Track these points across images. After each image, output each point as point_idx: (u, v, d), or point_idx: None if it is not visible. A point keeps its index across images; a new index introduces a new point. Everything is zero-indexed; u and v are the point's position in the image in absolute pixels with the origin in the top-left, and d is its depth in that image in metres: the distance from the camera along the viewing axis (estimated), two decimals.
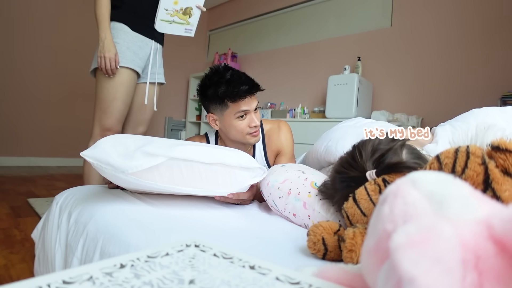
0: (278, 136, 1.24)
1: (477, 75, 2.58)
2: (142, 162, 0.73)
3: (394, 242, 0.22)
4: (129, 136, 0.87)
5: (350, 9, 3.47)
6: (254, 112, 1.11)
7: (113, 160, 0.73)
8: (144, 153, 0.75)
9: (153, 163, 0.74)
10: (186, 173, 0.79)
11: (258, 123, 1.11)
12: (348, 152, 0.70)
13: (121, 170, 0.73)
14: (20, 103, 3.61)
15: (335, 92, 2.95)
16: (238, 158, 0.85)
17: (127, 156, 0.75)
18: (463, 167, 0.44)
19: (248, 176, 0.87)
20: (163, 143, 0.82)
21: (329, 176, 0.75)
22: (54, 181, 2.94)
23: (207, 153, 0.81)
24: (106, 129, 1.51)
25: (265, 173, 0.91)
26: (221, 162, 0.81)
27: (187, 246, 0.38)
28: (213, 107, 1.12)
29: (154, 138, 0.87)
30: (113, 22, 1.48)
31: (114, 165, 0.73)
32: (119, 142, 0.81)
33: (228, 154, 0.84)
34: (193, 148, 0.81)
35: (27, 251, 1.28)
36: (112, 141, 0.80)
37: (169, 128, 4.77)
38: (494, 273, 0.22)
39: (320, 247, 0.58)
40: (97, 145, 0.78)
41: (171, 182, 0.79)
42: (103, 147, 0.77)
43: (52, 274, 0.29)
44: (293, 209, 0.83)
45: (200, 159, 0.79)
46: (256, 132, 1.13)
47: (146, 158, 0.74)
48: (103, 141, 0.79)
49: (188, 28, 1.58)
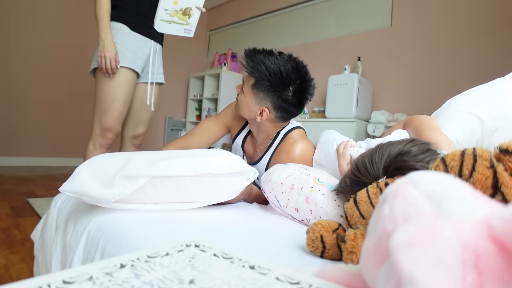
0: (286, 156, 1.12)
1: (477, 75, 2.58)
2: (123, 188, 0.70)
3: (394, 242, 0.22)
4: (107, 157, 0.81)
5: (350, 9, 3.47)
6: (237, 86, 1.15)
7: (93, 191, 0.69)
8: (124, 177, 0.71)
9: (135, 187, 0.71)
10: (173, 189, 0.76)
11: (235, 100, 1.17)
12: (367, 154, 0.68)
13: (104, 200, 0.70)
14: (20, 103, 3.61)
15: (335, 92, 2.95)
16: (225, 165, 0.79)
17: (107, 184, 0.71)
18: (470, 170, 0.43)
19: (239, 180, 0.83)
20: (142, 160, 0.77)
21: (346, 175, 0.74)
22: (54, 181, 2.94)
23: (189, 165, 0.76)
24: (105, 129, 1.51)
25: (256, 174, 0.87)
26: (207, 173, 0.77)
27: (187, 246, 0.38)
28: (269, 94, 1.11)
29: (133, 155, 0.80)
30: (113, 22, 1.47)
31: (95, 196, 0.69)
32: (97, 168, 0.75)
33: (212, 161, 0.79)
34: (174, 162, 0.76)
35: (27, 251, 1.28)
36: (89, 168, 0.75)
37: (169, 128, 4.77)
38: (494, 273, 0.22)
39: (318, 244, 0.59)
40: (74, 177, 0.72)
41: (159, 200, 0.77)
42: (80, 178, 0.72)
43: (52, 274, 0.29)
44: (295, 204, 0.83)
45: (183, 173, 0.75)
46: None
47: (127, 183, 0.71)
48: (80, 171, 0.74)
49: (187, 29, 1.58)
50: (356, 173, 0.67)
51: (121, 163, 0.76)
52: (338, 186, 0.76)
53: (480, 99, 1.00)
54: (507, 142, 0.44)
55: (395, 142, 0.67)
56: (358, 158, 0.70)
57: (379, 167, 0.63)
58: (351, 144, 0.96)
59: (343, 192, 0.73)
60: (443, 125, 0.97)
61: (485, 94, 1.01)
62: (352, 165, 0.70)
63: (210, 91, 4.55)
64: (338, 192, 0.76)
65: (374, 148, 0.68)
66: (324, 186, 0.82)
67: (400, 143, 0.65)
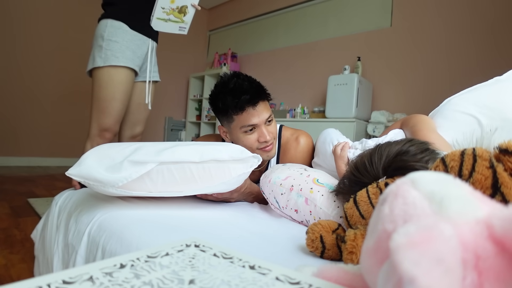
0: (295, 151, 1.11)
1: (477, 75, 2.58)
2: (131, 172, 0.70)
3: (394, 242, 0.22)
4: (114, 145, 0.82)
5: (350, 9, 3.47)
6: (266, 125, 1.00)
7: (100, 175, 0.70)
8: (132, 162, 0.72)
9: (143, 171, 0.71)
10: (178, 175, 0.77)
11: (269, 137, 1.00)
12: (366, 155, 0.68)
13: (111, 184, 0.69)
14: (20, 103, 3.61)
15: (335, 92, 2.95)
16: (229, 152, 0.80)
17: (114, 169, 0.71)
18: (470, 170, 0.43)
19: (243, 167, 0.83)
20: (150, 149, 0.78)
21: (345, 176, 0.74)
22: (54, 181, 2.94)
23: (196, 151, 0.77)
24: (104, 129, 1.50)
25: (259, 161, 0.85)
26: (213, 159, 0.77)
27: (187, 246, 0.38)
28: (221, 119, 1.05)
29: (140, 145, 0.82)
30: (111, 20, 1.46)
31: (102, 180, 0.69)
32: (104, 154, 0.76)
33: (218, 149, 0.80)
34: (182, 149, 0.77)
35: (27, 251, 1.28)
36: (96, 154, 0.76)
37: (169, 128, 4.77)
38: (494, 273, 0.22)
39: (318, 245, 0.59)
40: (81, 162, 0.73)
41: (164, 187, 0.77)
42: (87, 162, 0.73)
43: (52, 274, 0.29)
44: (295, 205, 0.83)
45: (190, 158, 0.76)
46: (268, 147, 1.01)
47: (134, 167, 0.71)
48: (87, 156, 0.75)
49: (182, 26, 1.58)
50: (356, 173, 0.67)
51: (128, 150, 0.77)
52: (337, 187, 0.76)
53: (477, 99, 1.00)
54: (506, 142, 0.44)
55: (393, 142, 0.67)
56: (357, 158, 0.70)
57: (378, 167, 0.63)
58: (348, 146, 0.96)
59: (343, 193, 0.73)
60: (439, 126, 0.97)
61: (483, 94, 1.01)
62: (351, 165, 0.70)
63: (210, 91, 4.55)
64: (338, 193, 0.76)
65: (373, 148, 0.68)
66: (323, 187, 0.82)
67: (398, 143, 0.65)
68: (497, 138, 0.58)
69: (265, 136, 1.00)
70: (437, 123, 0.99)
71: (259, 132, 1.00)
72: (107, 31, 1.45)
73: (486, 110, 0.96)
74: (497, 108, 0.96)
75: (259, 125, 1.00)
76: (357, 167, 0.67)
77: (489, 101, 0.98)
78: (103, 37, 1.45)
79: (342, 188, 0.73)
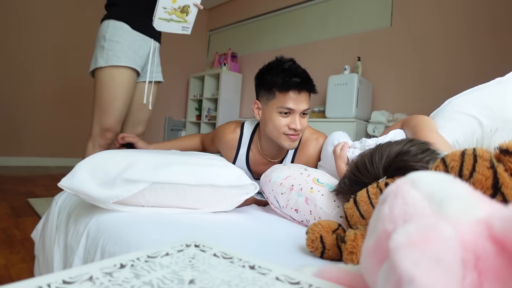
0: (313, 150, 1.13)
1: (478, 75, 2.58)
2: (123, 191, 0.70)
3: (394, 242, 0.22)
4: (110, 155, 0.80)
5: (350, 9, 3.47)
6: (300, 116, 1.02)
7: (91, 191, 0.69)
8: (125, 180, 0.71)
9: (135, 191, 0.71)
10: (172, 195, 0.76)
11: (299, 127, 1.02)
12: (366, 154, 0.68)
13: (102, 201, 0.70)
14: (20, 103, 3.61)
15: (335, 92, 2.95)
16: (227, 177, 0.80)
17: (107, 185, 0.71)
18: (470, 170, 0.43)
19: (239, 193, 0.83)
20: (148, 163, 0.76)
21: (345, 175, 0.74)
22: (54, 181, 2.93)
23: (193, 174, 0.77)
24: (105, 129, 1.50)
25: (257, 189, 0.86)
26: (209, 183, 0.77)
27: (187, 246, 0.38)
28: (261, 94, 1.06)
29: (139, 156, 0.80)
30: (113, 21, 1.46)
31: (93, 196, 0.69)
32: (98, 166, 0.75)
33: (217, 172, 0.79)
34: (178, 170, 0.76)
35: (27, 251, 1.28)
36: (90, 166, 0.75)
37: (169, 128, 4.77)
38: (493, 273, 0.22)
39: (318, 245, 0.59)
40: (74, 173, 0.72)
41: (157, 203, 0.77)
42: (80, 175, 0.72)
43: (52, 274, 0.29)
44: (295, 205, 0.83)
45: (186, 181, 0.75)
46: (294, 136, 1.03)
47: (127, 186, 0.71)
48: (81, 167, 0.74)
49: (185, 26, 1.58)
50: (356, 173, 0.67)
51: (123, 164, 0.76)
52: (337, 186, 0.76)
53: (479, 100, 1.00)
54: (507, 142, 0.44)
55: (394, 142, 0.67)
56: (357, 158, 0.70)
57: (379, 167, 0.63)
58: (348, 146, 0.96)
59: (343, 193, 0.73)
60: (440, 127, 0.97)
61: (484, 95, 1.01)
62: (352, 165, 0.70)
63: (210, 91, 4.55)
64: (338, 193, 0.76)
65: (374, 148, 0.68)
66: (323, 186, 0.82)
67: (399, 143, 0.65)
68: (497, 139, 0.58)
69: (296, 125, 1.01)
70: (438, 124, 0.99)
71: (292, 118, 1.01)
72: (109, 31, 1.45)
73: (487, 111, 0.96)
74: (498, 109, 0.95)
75: (295, 112, 1.01)
76: (358, 167, 0.68)
77: (490, 102, 0.98)
78: (105, 37, 1.45)
79: (342, 188, 0.73)
